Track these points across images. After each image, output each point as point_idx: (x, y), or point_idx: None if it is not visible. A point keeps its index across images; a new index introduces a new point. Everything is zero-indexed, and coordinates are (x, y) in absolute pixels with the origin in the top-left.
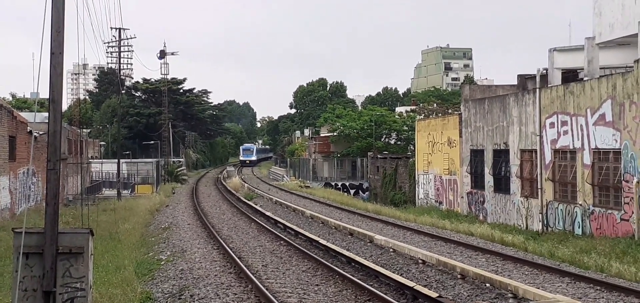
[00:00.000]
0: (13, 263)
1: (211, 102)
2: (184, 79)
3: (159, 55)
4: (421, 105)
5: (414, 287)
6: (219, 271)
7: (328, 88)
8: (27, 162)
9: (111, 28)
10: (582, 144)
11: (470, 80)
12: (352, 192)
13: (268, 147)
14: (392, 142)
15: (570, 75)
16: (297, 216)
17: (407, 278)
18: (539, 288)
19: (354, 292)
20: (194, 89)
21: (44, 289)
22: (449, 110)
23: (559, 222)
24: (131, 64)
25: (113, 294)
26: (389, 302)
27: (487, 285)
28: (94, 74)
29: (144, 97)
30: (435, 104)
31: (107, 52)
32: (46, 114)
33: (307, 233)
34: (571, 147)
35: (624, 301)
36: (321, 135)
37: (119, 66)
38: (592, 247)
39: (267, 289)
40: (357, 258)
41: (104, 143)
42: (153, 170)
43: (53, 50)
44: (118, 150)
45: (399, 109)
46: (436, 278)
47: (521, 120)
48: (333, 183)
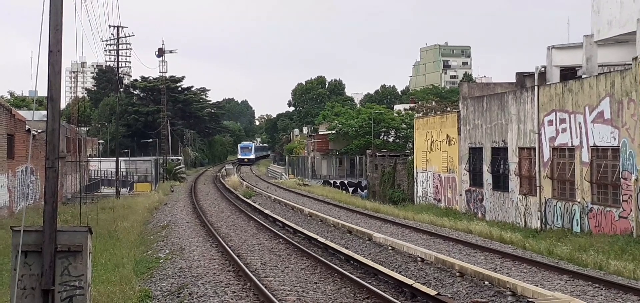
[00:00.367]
0: (12, 262)
1: (210, 100)
2: (183, 77)
3: (157, 53)
4: (420, 103)
5: (413, 285)
6: (217, 269)
7: (327, 86)
8: (25, 161)
9: (109, 26)
10: (581, 142)
11: (468, 78)
12: (350, 190)
13: (266, 145)
14: (391, 140)
15: (569, 73)
16: (295, 214)
17: (406, 276)
18: (537, 286)
19: (352, 289)
20: (192, 86)
21: (43, 287)
22: (448, 108)
23: (557, 219)
24: (129, 62)
25: (112, 292)
26: (387, 299)
27: (486, 282)
28: (92, 72)
29: (142, 95)
30: (433, 102)
31: (105, 50)
32: (44, 112)
33: (305, 231)
34: (570, 145)
35: (622, 298)
36: (320, 133)
37: (118, 64)
38: (590, 244)
39: (265, 287)
40: (356, 256)
41: (102, 141)
42: (151, 168)
43: (51, 48)
44: (116, 148)
45: (397, 107)
46: (435, 276)
47: (520, 117)
48: (332, 181)
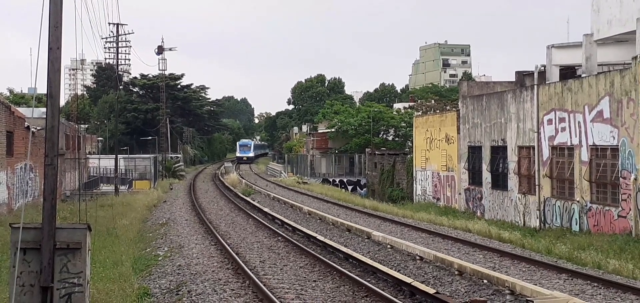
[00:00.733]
0: (10, 259)
1: (209, 98)
2: (182, 75)
3: (156, 50)
4: (419, 101)
5: (412, 283)
6: (216, 267)
7: (326, 84)
8: (24, 158)
9: (109, 24)
10: (580, 141)
11: (468, 77)
12: (350, 188)
13: (266, 143)
14: (390, 138)
15: (568, 72)
16: (294, 212)
17: (405, 275)
18: (536, 285)
19: (351, 288)
20: (191, 84)
21: (42, 284)
22: (447, 107)
23: (556, 218)
24: (129, 60)
25: (110, 289)
26: (386, 298)
27: (485, 281)
28: (91, 70)
29: (141, 92)
30: (433, 101)
31: (105, 48)
32: (44, 110)
33: (304, 230)
34: (569, 144)
35: (621, 298)
36: (319, 131)
37: (117, 62)
38: (589, 243)
39: (264, 285)
40: (355, 254)
41: (101, 139)
42: (151, 166)
43: (51, 45)
44: (116, 145)
45: (396, 105)
46: (434, 274)
47: (519, 116)
48: (331, 180)
